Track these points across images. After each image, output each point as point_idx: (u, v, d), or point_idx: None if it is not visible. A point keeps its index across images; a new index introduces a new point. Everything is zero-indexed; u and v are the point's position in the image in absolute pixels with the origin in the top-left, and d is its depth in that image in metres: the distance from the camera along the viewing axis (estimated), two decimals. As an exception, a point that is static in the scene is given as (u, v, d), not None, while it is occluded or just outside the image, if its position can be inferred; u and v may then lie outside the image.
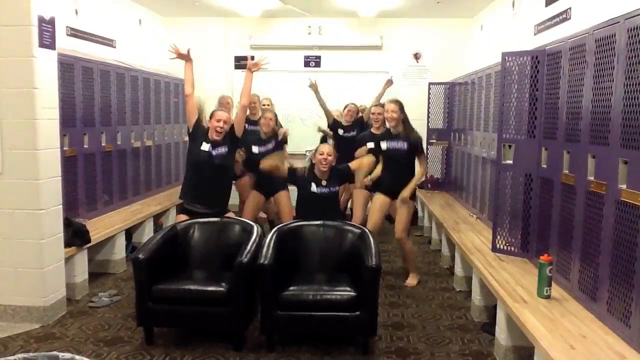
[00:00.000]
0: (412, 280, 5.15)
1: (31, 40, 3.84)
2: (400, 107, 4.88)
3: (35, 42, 3.86)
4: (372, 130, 5.55)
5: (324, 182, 4.53)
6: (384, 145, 4.96)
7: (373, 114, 5.58)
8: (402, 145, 4.89)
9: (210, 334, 3.84)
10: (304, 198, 4.62)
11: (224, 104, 6.10)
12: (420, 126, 7.33)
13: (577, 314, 3.11)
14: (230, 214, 4.58)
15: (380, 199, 5.06)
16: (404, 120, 4.91)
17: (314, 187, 4.52)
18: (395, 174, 4.95)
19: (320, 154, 4.51)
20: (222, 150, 4.40)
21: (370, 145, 5.18)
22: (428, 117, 7.82)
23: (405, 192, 4.88)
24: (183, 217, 4.41)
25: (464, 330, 4.07)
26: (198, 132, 4.41)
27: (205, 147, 4.36)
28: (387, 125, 5.05)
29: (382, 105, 5.28)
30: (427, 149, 7.46)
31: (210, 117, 4.52)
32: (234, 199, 5.36)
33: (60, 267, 4.21)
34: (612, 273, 2.88)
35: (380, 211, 5.07)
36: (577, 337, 2.81)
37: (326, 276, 3.90)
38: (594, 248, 3.10)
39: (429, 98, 7.80)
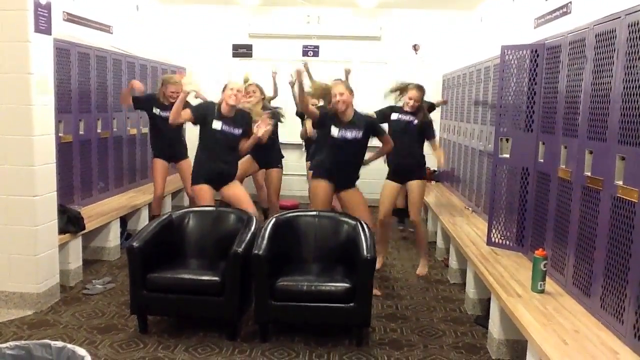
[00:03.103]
0: (423, 269, 5.19)
1: (27, 25, 3.80)
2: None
3: (30, 27, 3.81)
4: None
5: (344, 125, 4.19)
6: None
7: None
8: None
9: (204, 323, 3.83)
10: (325, 143, 4.32)
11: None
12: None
13: (570, 309, 3.12)
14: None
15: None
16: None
17: (334, 131, 4.23)
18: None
19: (334, 97, 4.15)
20: None
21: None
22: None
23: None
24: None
25: (457, 322, 4.08)
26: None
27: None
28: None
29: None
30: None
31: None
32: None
33: (54, 254, 4.20)
34: (607, 269, 2.88)
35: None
36: (570, 332, 2.82)
37: (321, 267, 3.90)
38: (589, 244, 3.10)
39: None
